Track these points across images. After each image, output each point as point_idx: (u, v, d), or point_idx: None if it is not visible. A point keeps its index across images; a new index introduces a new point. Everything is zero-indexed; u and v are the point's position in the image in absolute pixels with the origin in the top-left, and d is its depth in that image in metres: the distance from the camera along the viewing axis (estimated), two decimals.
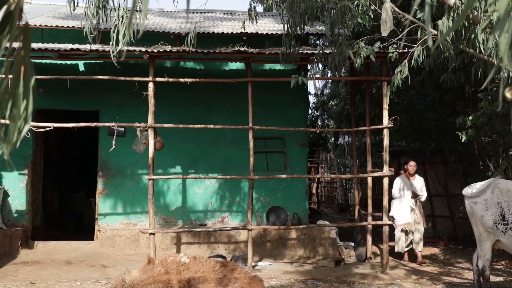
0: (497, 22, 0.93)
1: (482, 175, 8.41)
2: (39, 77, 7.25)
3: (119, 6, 5.59)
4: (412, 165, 8.20)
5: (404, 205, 8.11)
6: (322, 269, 7.54)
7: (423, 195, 8.22)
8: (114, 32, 5.58)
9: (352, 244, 8.83)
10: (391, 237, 7.99)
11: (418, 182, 8.17)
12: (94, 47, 7.40)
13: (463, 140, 7.22)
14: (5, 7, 1.00)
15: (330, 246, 8.64)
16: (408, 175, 8.21)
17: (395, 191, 8.22)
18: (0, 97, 1.02)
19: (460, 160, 10.41)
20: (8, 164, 8.03)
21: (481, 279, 5.54)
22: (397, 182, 8.27)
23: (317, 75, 10.53)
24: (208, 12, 11.50)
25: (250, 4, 7.16)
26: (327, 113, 17.22)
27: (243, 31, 8.07)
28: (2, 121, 1.02)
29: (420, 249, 8.09)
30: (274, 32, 8.99)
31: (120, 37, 5.49)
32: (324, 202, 20.04)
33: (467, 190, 5.62)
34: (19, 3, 1.01)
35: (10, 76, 1.05)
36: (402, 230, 8.06)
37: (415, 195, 8.14)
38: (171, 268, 3.43)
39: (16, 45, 1.03)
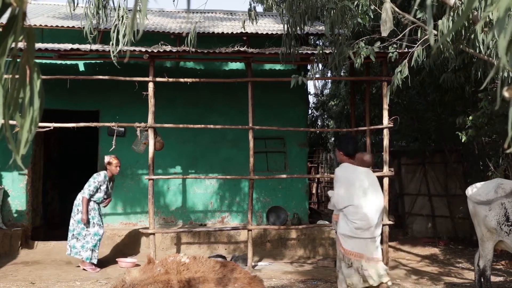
0: (497, 22, 0.93)
1: (482, 175, 8.41)
2: None
3: (119, 6, 5.60)
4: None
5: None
6: (322, 269, 7.54)
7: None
8: (114, 32, 5.58)
9: None
10: (392, 236, 7.92)
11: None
12: (94, 47, 7.40)
13: (463, 140, 7.22)
14: (9, 11, 1.01)
15: (330, 246, 8.63)
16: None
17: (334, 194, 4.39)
18: (8, 100, 1.02)
19: (460, 160, 10.42)
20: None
21: (482, 279, 5.53)
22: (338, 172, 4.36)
23: (317, 75, 10.55)
24: (208, 12, 11.50)
25: (250, 4, 7.18)
26: (327, 113, 17.22)
27: (243, 31, 8.07)
28: (10, 122, 1.02)
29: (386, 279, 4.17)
30: (274, 32, 8.98)
31: (120, 37, 5.50)
32: (324, 202, 20.02)
33: (469, 191, 5.58)
34: (23, 7, 1.02)
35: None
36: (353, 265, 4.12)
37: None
38: (171, 268, 3.43)
39: (20, 45, 1.04)
